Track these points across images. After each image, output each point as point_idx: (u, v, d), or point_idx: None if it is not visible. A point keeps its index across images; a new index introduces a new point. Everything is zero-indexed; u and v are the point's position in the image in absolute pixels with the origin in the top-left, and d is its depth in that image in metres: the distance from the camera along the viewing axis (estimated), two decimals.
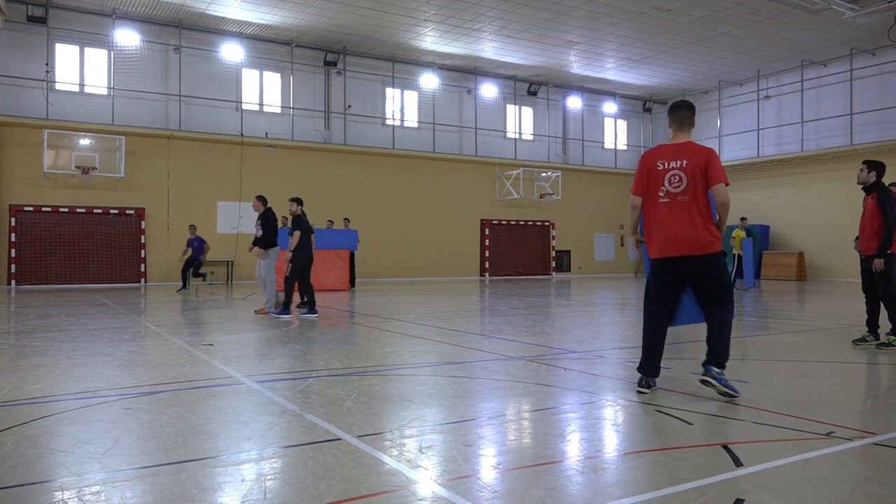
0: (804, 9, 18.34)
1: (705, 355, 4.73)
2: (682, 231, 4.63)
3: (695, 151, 4.65)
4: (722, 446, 3.48)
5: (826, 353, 6.92)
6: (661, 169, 4.71)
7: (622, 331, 9.17)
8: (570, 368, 5.86)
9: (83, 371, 5.73)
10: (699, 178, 4.58)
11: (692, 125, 4.85)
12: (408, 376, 5.58)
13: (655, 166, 4.74)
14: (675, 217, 4.65)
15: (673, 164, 4.66)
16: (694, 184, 4.59)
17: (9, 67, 18.23)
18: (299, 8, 18.90)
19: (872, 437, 3.68)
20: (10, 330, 8.90)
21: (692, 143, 4.73)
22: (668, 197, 4.67)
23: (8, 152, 18.18)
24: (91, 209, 19.03)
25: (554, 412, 4.35)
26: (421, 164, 24.06)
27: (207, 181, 20.25)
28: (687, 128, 4.83)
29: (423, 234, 24.00)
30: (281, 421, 4.04)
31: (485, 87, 25.48)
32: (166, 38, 20.28)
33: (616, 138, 29.46)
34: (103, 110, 19.41)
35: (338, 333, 8.70)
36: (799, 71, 23.75)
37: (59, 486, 2.94)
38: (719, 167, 4.59)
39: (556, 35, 21.05)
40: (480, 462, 3.33)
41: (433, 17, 19.65)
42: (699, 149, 4.67)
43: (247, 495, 2.82)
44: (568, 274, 27.62)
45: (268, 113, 22.01)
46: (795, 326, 8.68)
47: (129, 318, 10.31)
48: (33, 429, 3.89)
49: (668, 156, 4.71)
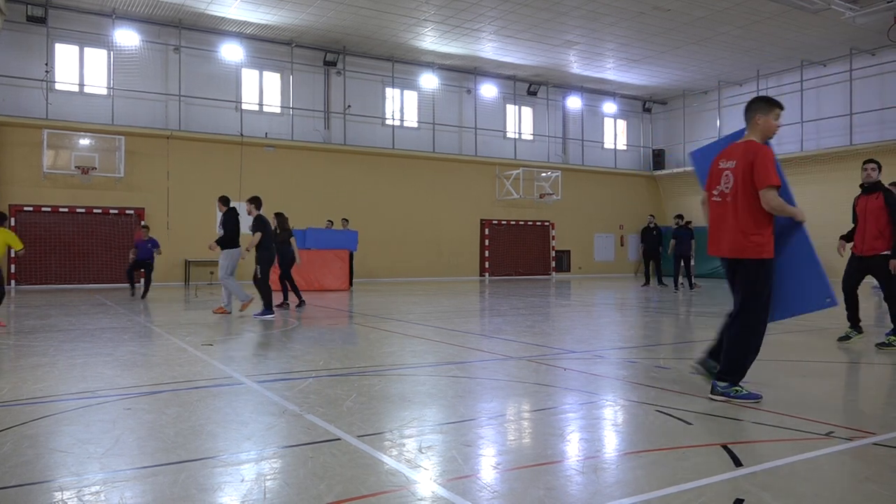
0: (804, 9, 18.33)
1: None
2: (721, 232, 4.58)
3: (744, 151, 4.49)
4: (722, 446, 3.48)
5: (826, 353, 6.93)
6: (720, 168, 4.63)
7: (622, 331, 9.18)
8: (570, 368, 5.85)
9: (83, 371, 5.73)
10: (746, 180, 4.42)
11: (754, 122, 4.60)
12: (408, 376, 5.58)
13: (717, 164, 4.67)
14: (719, 217, 4.61)
15: (728, 164, 4.56)
16: (738, 185, 4.46)
17: (8, 67, 18.22)
18: (299, 8, 18.90)
19: (872, 437, 3.68)
20: (10, 330, 8.90)
21: (749, 143, 4.54)
22: (720, 196, 4.60)
23: (7, 152, 18.17)
24: (91, 209, 19.02)
25: (554, 412, 4.35)
26: (421, 164, 24.06)
27: (207, 181, 20.24)
28: (750, 126, 4.63)
29: (422, 234, 24.00)
30: (281, 421, 4.04)
31: (484, 87, 25.48)
32: (166, 38, 20.28)
33: (616, 138, 29.45)
34: (103, 110, 19.41)
35: (338, 333, 8.70)
36: (799, 71, 23.75)
37: (59, 486, 2.94)
38: (764, 169, 4.35)
39: (556, 35, 21.04)
40: (480, 462, 3.33)
41: (433, 17, 19.65)
42: (749, 148, 4.48)
43: (246, 495, 2.82)
44: (568, 274, 27.62)
45: (267, 113, 22.01)
46: (795, 326, 8.68)
47: (129, 318, 10.31)
48: (33, 429, 3.89)
49: (727, 154, 4.63)
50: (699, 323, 10.29)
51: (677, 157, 29.01)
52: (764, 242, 4.43)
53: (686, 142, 28.26)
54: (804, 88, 23.77)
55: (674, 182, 29.31)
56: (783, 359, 6.52)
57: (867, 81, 22.41)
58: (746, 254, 4.45)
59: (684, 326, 9.97)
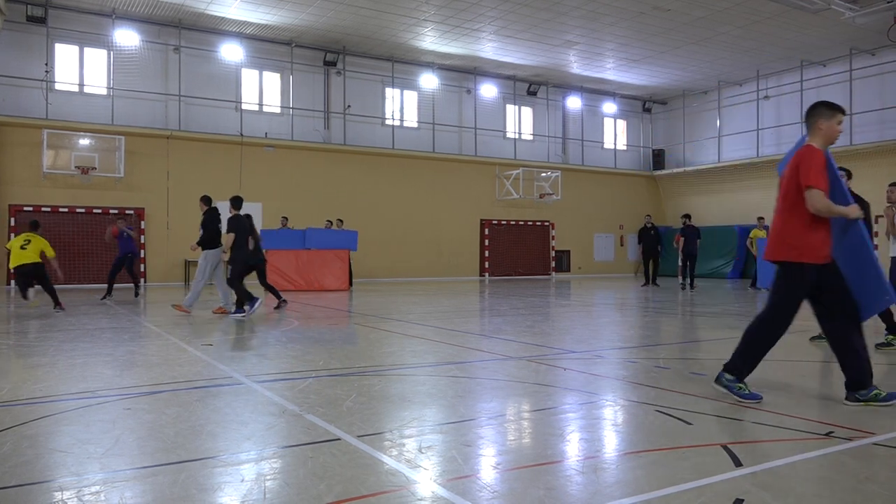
0: (804, 9, 18.33)
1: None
2: (769, 235, 4.61)
3: (796, 155, 4.47)
4: (722, 446, 3.48)
5: (826, 353, 6.92)
6: (780, 175, 4.64)
7: (622, 331, 9.18)
8: (570, 368, 5.85)
9: (83, 371, 5.73)
10: (790, 182, 4.42)
11: (816, 128, 4.53)
12: (407, 376, 5.58)
13: (780, 173, 4.66)
14: (773, 221, 4.62)
15: (784, 170, 4.57)
16: (783, 189, 4.46)
17: (8, 67, 18.22)
18: (299, 8, 18.90)
19: (872, 437, 3.68)
20: (10, 330, 8.90)
21: (803, 148, 4.50)
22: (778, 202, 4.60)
23: (7, 152, 18.17)
24: (91, 209, 19.02)
25: (554, 412, 4.35)
26: (420, 164, 24.06)
27: (207, 181, 20.19)
28: (812, 131, 4.57)
29: (422, 235, 24.00)
30: (280, 421, 4.04)
31: (484, 87, 25.48)
32: (166, 38, 20.28)
33: (616, 138, 29.45)
34: (103, 110, 19.41)
35: (338, 333, 8.70)
36: (798, 71, 23.74)
37: (59, 486, 2.94)
38: (808, 169, 4.28)
39: (556, 35, 21.05)
40: (480, 462, 3.33)
41: (433, 17, 19.65)
42: (800, 152, 4.46)
43: (246, 495, 2.82)
44: (568, 274, 27.62)
45: (267, 113, 22.01)
46: (795, 327, 8.68)
47: (129, 318, 10.31)
48: (33, 429, 3.89)
49: (787, 161, 4.62)
50: (699, 323, 10.29)
51: (677, 157, 29.02)
52: (802, 246, 4.36)
53: (686, 142, 28.28)
54: (804, 88, 23.75)
55: (674, 182, 29.31)
56: (783, 359, 6.52)
57: (867, 81, 22.40)
58: (781, 255, 4.43)
59: (684, 326, 9.97)
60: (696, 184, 28.30)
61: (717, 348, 7.26)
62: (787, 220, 4.44)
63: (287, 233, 17.89)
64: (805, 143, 4.56)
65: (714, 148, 27.16)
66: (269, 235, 17.55)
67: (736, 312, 11.54)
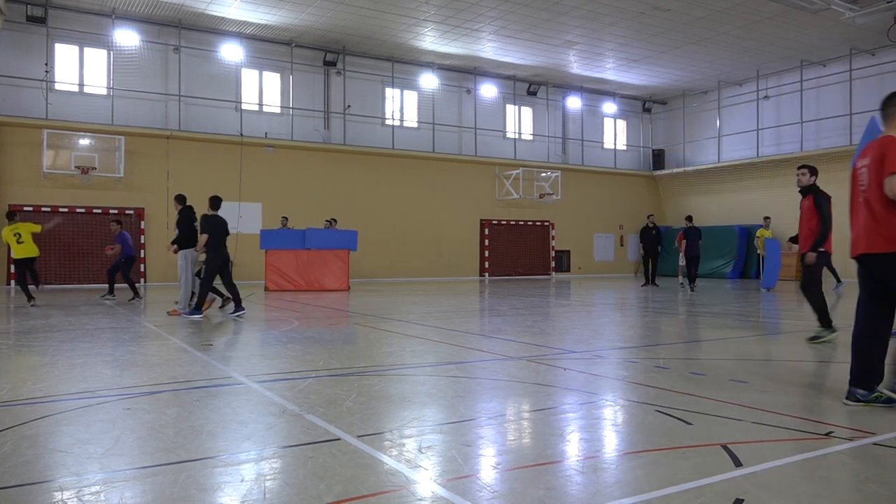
0: (804, 9, 18.34)
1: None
2: (857, 230, 4.46)
3: (878, 146, 4.32)
4: (721, 446, 3.48)
5: (826, 352, 6.92)
6: (858, 168, 4.52)
7: (622, 331, 9.18)
8: (570, 368, 5.85)
9: (83, 371, 5.73)
10: (878, 173, 4.26)
11: (893, 119, 4.43)
12: (407, 376, 5.58)
13: (857, 165, 4.53)
14: (858, 216, 4.48)
15: (864, 162, 4.44)
16: (872, 180, 4.33)
17: (8, 67, 18.22)
18: (299, 8, 18.89)
19: (872, 437, 3.68)
20: (9, 330, 8.90)
21: (884, 138, 4.37)
22: (861, 196, 4.45)
23: (7, 152, 18.17)
24: (91, 209, 19.02)
25: (554, 412, 4.35)
26: (420, 164, 24.06)
27: (207, 181, 20.20)
28: (888, 122, 4.46)
29: (422, 235, 24.00)
30: (280, 421, 4.04)
31: (484, 87, 25.48)
32: (166, 38, 20.28)
33: (616, 138, 29.45)
34: (103, 110, 19.41)
35: (337, 333, 8.70)
36: (798, 71, 23.74)
37: (59, 486, 2.94)
38: (892, 158, 4.16)
39: (556, 35, 21.05)
40: (480, 462, 3.33)
41: (433, 17, 19.65)
42: (883, 142, 4.32)
43: (246, 495, 2.82)
44: (567, 274, 27.62)
45: (267, 113, 22.01)
46: (795, 326, 8.68)
47: (129, 319, 10.31)
48: (33, 429, 3.89)
49: (864, 153, 4.49)
50: (699, 323, 10.29)
51: (677, 157, 29.02)
52: (888, 236, 4.23)
53: (686, 142, 28.28)
54: (804, 88, 23.76)
55: (673, 182, 29.31)
56: (783, 359, 6.52)
57: (867, 81, 22.39)
58: (876, 248, 4.29)
59: (684, 326, 9.97)
60: (696, 184, 28.30)
61: (717, 348, 7.26)
62: (879, 211, 4.27)
63: (287, 233, 17.88)
64: (884, 134, 4.48)
65: (714, 148, 27.17)
66: (269, 235, 17.56)
67: (736, 312, 11.54)
